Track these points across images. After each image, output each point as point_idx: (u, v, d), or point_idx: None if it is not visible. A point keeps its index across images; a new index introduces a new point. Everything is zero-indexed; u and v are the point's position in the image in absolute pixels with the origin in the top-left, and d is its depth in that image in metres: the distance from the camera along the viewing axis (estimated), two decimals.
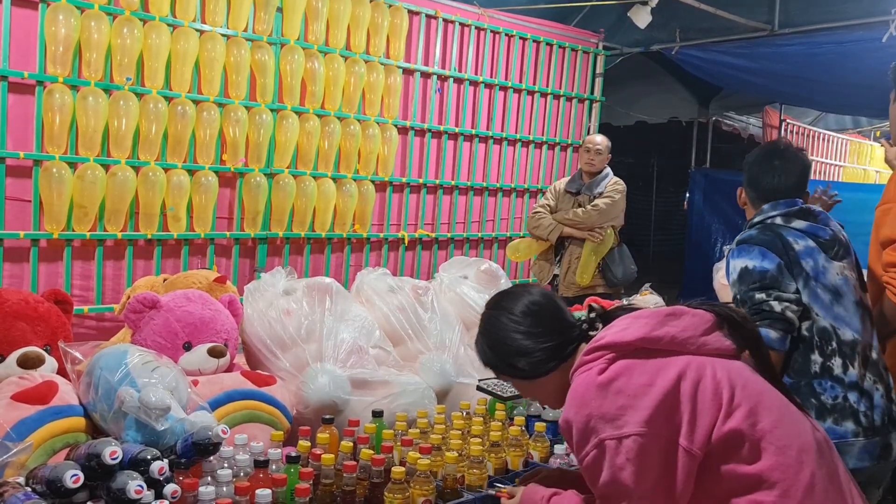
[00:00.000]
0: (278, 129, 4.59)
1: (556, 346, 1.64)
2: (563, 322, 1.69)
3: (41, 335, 2.04)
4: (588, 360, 1.52)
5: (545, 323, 1.66)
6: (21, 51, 3.81)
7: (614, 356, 1.49)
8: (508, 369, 1.70)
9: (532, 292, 1.73)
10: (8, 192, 3.84)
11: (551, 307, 1.70)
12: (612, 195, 4.80)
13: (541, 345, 1.64)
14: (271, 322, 2.35)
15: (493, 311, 1.73)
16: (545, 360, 1.64)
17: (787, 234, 2.27)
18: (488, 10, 5.63)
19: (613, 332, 1.53)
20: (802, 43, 5.80)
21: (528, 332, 1.65)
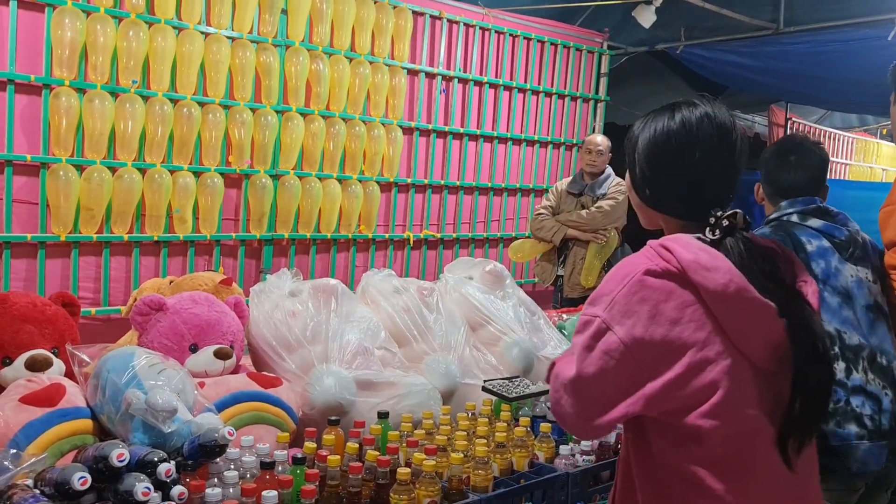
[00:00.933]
0: (283, 130, 4.60)
1: (698, 204, 1.43)
2: (725, 189, 1.47)
3: (49, 338, 2.05)
4: (657, 251, 1.39)
5: (719, 173, 1.45)
6: (28, 54, 3.83)
7: (673, 272, 1.35)
8: (640, 182, 1.52)
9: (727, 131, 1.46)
10: (15, 195, 3.87)
11: (729, 161, 1.46)
12: (616, 196, 4.80)
13: (689, 186, 1.44)
14: (277, 323, 2.36)
15: (685, 115, 1.45)
16: (678, 201, 1.47)
17: (800, 234, 2.22)
18: (492, 11, 5.63)
19: (698, 259, 1.35)
20: (808, 41, 5.78)
21: (697, 162, 1.43)
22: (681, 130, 1.44)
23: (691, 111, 1.45)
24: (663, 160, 1.46)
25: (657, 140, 1.46)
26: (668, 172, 1.47)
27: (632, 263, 1.39)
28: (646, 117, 1.51)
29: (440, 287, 2.82)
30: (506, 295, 2.88)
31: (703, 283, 1.33)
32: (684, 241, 1.39)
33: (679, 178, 1.46)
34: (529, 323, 2.82)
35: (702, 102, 1.47)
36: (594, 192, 4.82)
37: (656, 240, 1.43)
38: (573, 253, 4.84)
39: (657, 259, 1.37)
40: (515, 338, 2.68)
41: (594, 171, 4.86)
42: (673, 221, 1.50)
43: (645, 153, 1.48)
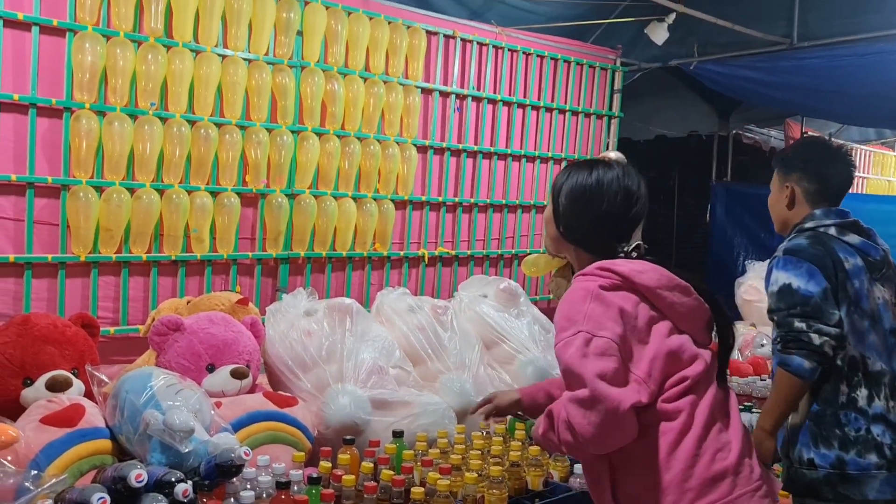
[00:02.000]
0: (299, 150, 4.65)
1: (602, 242, 1.81)
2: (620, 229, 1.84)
3: (69, 359, 2.09)
4: (596, 274, 1.71)
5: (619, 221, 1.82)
6: (49, 78, 3.91)
7: (618, 283, 1.69)
8: (558, 219, 1.85)
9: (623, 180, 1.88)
10: (37, 216, 3.93)
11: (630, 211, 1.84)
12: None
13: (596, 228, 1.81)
14: (293, 343, 2.38)
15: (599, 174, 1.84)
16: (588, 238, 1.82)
17: (839, 250, 2.16)
18: (505, 29, 5.67)
19: (631, 267, 1.72)
20: (822, 56, 5.77)
21: (604, 212, 1.80)
22: (594, 185, 1.83)
23: (605, 172, 1.85)
24: (578, 205, 1.83)
25: (575, 189, 1.84)
26: (580, 215, 1.83)
27: (583, 287, 1.71)
28: (570, 168, 1.91)
29: (454, 305, 2.84)
30: (520, 313, 2.89)
31: (644, 283, 1.71)
32: (613, 261, 1.75)
33: (588, 220, 1.83)
34: (544, 341, 2.82)
35: (616, 166, 1.88)
36: None
37: (583, 270, 1.77)
38: None
39: (603, 278, 1.71)
40: (530, 356, 2.69)
41: None
42: (583, 253, 1.85)
43: (565, 197, 1.85)
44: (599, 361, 1.57)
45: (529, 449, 2.12)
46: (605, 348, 1.59)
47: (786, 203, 2.37)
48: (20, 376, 2.01)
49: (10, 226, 3.87)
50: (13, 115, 3.84)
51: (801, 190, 2.33)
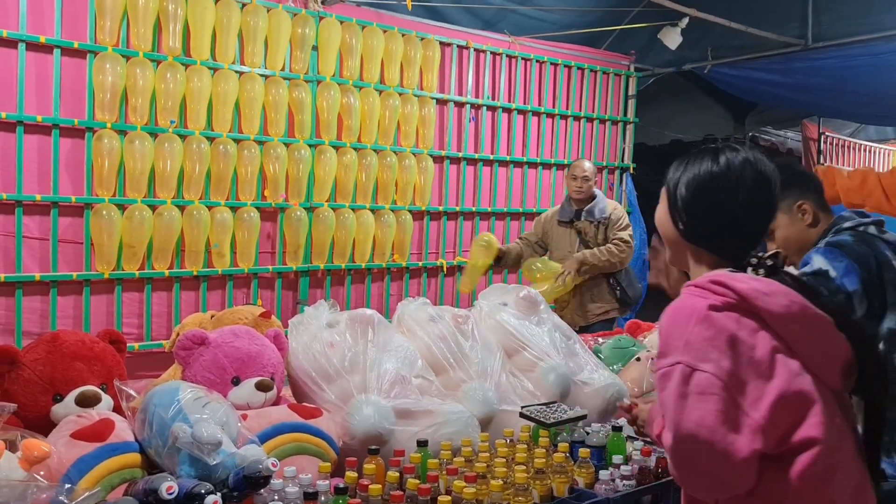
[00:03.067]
0: (317, 163, 4.70)
1: (732, 243, 1.52)
2: (758, 233, 1.56)
3: (97, 374, 2.12)
4: (708, 288, 1.42)
5: (754, 217, 1.52)
6: (71, 99, 3.98)
7: (734, 302, 1.39)
8: (677, 214, 1.56)
9: (766, 171, 1.55)
10: (61, 235, 3.99)
11: (767, 202, 1.54)
12: (627, 219, 4.69)
13: (727, 224, 1.51)
14: (316, 355, 2.40)
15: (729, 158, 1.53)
16: (715, 237, 1.53)
17: (885, 249, 2.04)
18: (518, 38, 5.70)
19: (755, 286, 1.41)
20: (837, 56, 5.75)
21: (739, 203, 1.50)
22: (725, 173, 1.51)
23: (735, 155, 1.53)
24: (707, 199, 1.52)
25: (701, 180, 1.53)
26: (709, 210, 1.53)
27: (689, 305, 1.41)
28: (686, 158, 1.58)
29: (475, 314, 2.84)
30: (540, 320, 2.89)
31: (767, 308, 1.39)
32: (731, 275, 1.45)
33: (720, 217, 1.52)
34: (565, 348, 2.82)
35: (742, 148, 1.56)
36: (594, 216, 4.58)
37: (695, 281, 1.47)
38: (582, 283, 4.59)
39: (713, 294, 1.41)
40: (552, 363, 2.68)
41: (581, 198, 4.64)
42: (707, 256, 1.55)
43: (688, 190, 1.54)
44: (701, 404, 1.31)
45: (554, 456, 2.12)
46: (706, 386, 1.32)
47: (809, 222, 2.23)
48: (50, 392, 2.04)
49: (35, 245, 3.94)
50: (37, 136, 3.91)
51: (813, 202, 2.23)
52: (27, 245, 3.91)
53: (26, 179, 3.87)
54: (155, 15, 4.09)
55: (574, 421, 2.40)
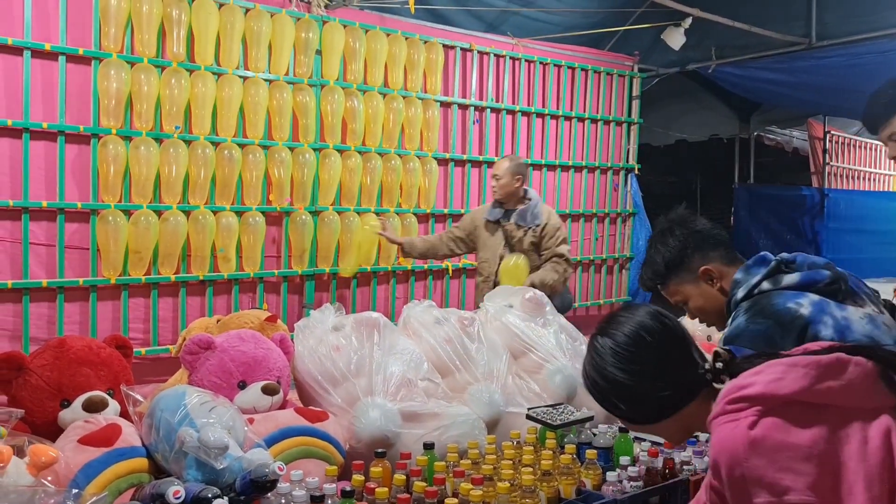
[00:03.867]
0: (321, 167, 4.70)
1: (672, 395, 1.41)
2: (684, 363, 1.43)
3: (104, 379, 2.12)
4: (732, 411, 1.28)
5: (658, 362, 1.42)
6: (76, 106, 4.00)
7: (763, 409, 1.25)
8: (615, 410, 1.49)
9: (644, 316, 1.46)
10: (68, 241, 4.01)
11: (670, 338, 1.45)
12: (565, 232, 4.49)
13: (653, 391, 1.41)
14: (321, 358, 2.40)
15: (597, 341, 1.48)
16: (657, 408, 1.43)
17: (782, 304, 1.77)
18: (522, 40, 5.70)
19: (765, 381, 1.27)
20: (842, 54, 5.73)
21: (635, 371, 1.42)
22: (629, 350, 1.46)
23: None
24: (628, 377, 1.45)
25: (610, 370, 1.47)
26: (634, 387, 1.45)
27: (728, 437, 1.27)
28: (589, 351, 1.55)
29: (481, 316, 2.84)
30: (546, 322, 2.89)
31: (791, 392, 1.26)
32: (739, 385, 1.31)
33: (647, 388, 1.44)
34: (571, 349, 2.82)
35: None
36: (524, 221, 4.34)
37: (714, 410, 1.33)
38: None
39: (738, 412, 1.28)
40: (558, 364, 2.68)
41: (497, 198, 4.39)
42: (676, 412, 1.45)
43: (608, 381, 1.48)
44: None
45: (561, 458, 2.11)
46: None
47: (717, 287, 1.99)
48: (57, 398, 2.05)
49: (42, 251, 3.96)
50: (43, 143, 3.93)
51: (719, 262, 2.01)
52: (34, 251, 3.93)
53: (33, 186, 3.89)
54: (159, 21, 4.10)
55: (581, 422, 2.40)
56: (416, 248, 4.59)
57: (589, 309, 6.36)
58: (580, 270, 6.26)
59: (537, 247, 4.37)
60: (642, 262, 2.09)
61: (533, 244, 4.36)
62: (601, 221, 6.40)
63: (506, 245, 4.39)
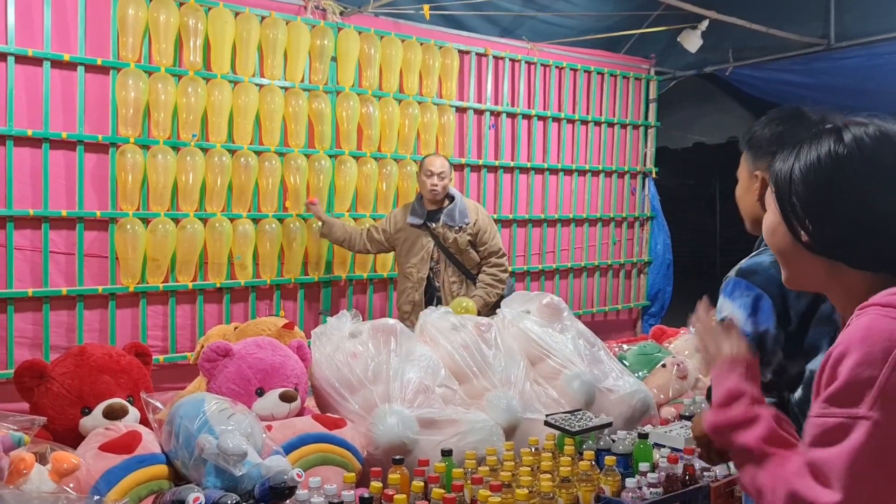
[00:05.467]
0: (337, 174, 4.71)
1: (875, 251, 1.12)
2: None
3: (124, 387, 2.14)
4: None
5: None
6: (95, 115, 4.03)
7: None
8: (796, 221, 1.18)
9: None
10: (87, 250, 4.04)
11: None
12: (492, 230, 4.35)
13: (868, 231, 1.12)
14: (339, 365, 2.40)
15: (855, 136, 1.15)
16: (846, 246, 1.14)
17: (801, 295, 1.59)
18: (537, 45, 5.69)
19: None
20: (861, 55, 5.67)
21: (878, 201, 1.11)
22: (856, 155, 1.14)
23: (861, 131, 1.16)
24: (836, 193, 1.14)
25: (825, 169, 1.15)
26: (842, 209, 1.14)
27: (881, 329, 1.03)
28: (796, 143, 1.22)
29: (498, 322, 2.83)
30: (564, 327, 2.88)
31: None
32: None
33: (858, 216, 1.13)
34: (589, 355, 2.80)
35: (869, 120, 1.19)
36: (454, 220, 4.23)
37: (877, 297, 1.08)
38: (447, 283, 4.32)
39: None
40: (576, 370, 2.67)
41: (436, 198, 4.26)
42: (846, 272, 1.16)
43: (808, 186, 1.17)
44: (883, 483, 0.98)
45: (579, 464, 2.10)
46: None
47: (756, 197, 1.76)
48: (78, 405, 2.07)
49: (62, 260, 4.00)
50: (63, 152, 3.97)
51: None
52: (54, 260, 3.97)
53: (53, 195, 3.93)
54: (176, 30, 4.14)
55: (599, 428, 2.38)
56: (335, 233, 4.44)
57: (607, 314, 6.33)
58: (598, 275, 6.23)
59: (474, 245, 4.29)
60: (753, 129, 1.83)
61: (470, 242, 4.27)
62: (619, 226, 6.37)
63: (437, 247, 4.28)
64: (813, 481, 1.03)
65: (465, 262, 4.31)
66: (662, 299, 6.68)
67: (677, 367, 3.03)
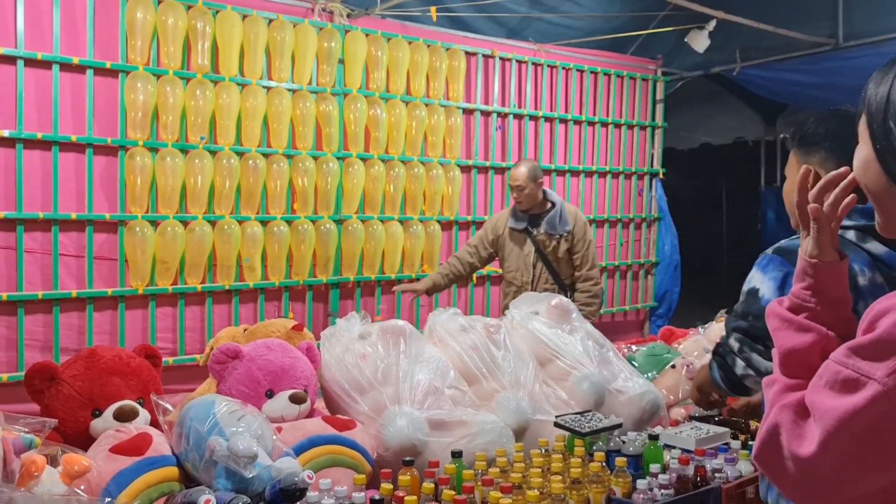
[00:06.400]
0: (345, 176, 4.72)
1: None
2: None
3: (134, 389, 2.14)
4: None
5: None
6: (104, 118, 4.05)
7: None
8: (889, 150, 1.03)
9: None
10: (96, 252, 4.06)
11: None
12: (590, 234, 4.34)
13: None
14: (348, 367, 2.40)
15: None
16: None
17: (853, 261, 1.59)
18: (544, 46, 5.69)
19: None
20: (870, 54, 5.64)
21: None
22: None
23: None
24: None
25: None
26: None
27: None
28: (890, 65, 1.10)
29: (506, 323, 2.83)
30: (573, 329, 2.87)
31: None
32: None
33: None
34: (598, 356, 2.79)
35: None
36: (554, 229, 4.21)
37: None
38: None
39: None
40: (585, 371, 2.66)
41: (521, 208, 4.25)
42: None
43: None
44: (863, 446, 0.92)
45: (590, 466, 2.09)
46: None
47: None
48: (89, 408, 2.07)
49: (71, 262, 4.01)
50: (73, 155, 3.99)
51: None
52: (64, 262, 3.98)
53: (62, 198, 3.95)
54: (184, 33, 4.15)
55: (609, 430, 2.37)
56: (440, 285, 4.44)
57: (615, 315, 6.31)
58: (605, 276, 6.22)
59: (570, 252, 4.28)
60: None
61: (568, 251, 4.26)
62: (626, 227, 6.36)
63: (537, 255, 4.25)
64: (799, 423, 1.00)
65: (560, 271, 4.27)
66: (670, 300, 6.66)
67: (686, 368, 3.02)
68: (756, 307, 1.75)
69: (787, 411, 1.02)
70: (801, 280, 1.13)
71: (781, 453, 1.01)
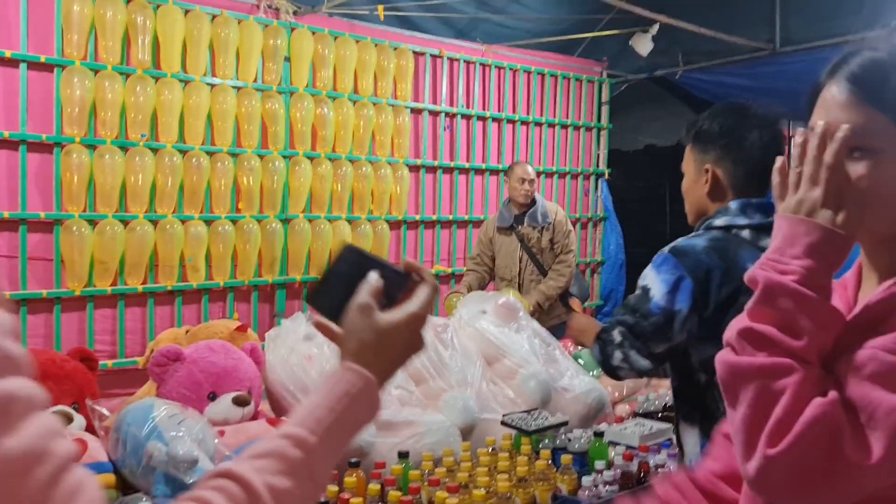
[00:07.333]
0: (291, 175, 4.66)
1: None
2: None
3: (69, 393, 2.08)
4: None
5: None
6: (39, 114, 3.92)
7: None
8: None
9: None
10: (30, 252, 3.92)
11: None
12: (569, 227, 4.66)
13: None
14: (293, 368, 2.37)
15: None
16: None
17: (748, 260, 1.59)
18: (491, 47, 5.71)
19: None
20: (805, 60, 5.81)
21: None
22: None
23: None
24: None
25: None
26: None
27: None
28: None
29: (454, 322, 2.83)
30: (520, 327, 2.88)
31: None
32: None
33: None
34: (545, 354, 2.81)
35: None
36: (537, 221, 4.55)
37: None
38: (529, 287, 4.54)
39: None
40: (532, 370, 2.67)
41: (528, 202, 4.59)
42: None
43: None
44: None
45: (536, 463, 2.10)
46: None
47: (706, 190, 1.81)
48: None
49: (4, 263, 3.87)
50: (5, 152, 3.85)
51: (725, 173, 1.79)
52: None
53: None
54: (123, 28, 4.04)
55: (555, 427, 2.39)
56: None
57: None
58: None
59: (552, 242, 4.58)
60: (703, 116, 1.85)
61: (549, 241, 4.57)
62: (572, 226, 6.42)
63: (522, 248, 4.56)
64: (857, 425, 0.83)
65: (544, 261, 4.57)
66: (615, 299, 6.76)
67: None
68: (645, 307, 1.73)
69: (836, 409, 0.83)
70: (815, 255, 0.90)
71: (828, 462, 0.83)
